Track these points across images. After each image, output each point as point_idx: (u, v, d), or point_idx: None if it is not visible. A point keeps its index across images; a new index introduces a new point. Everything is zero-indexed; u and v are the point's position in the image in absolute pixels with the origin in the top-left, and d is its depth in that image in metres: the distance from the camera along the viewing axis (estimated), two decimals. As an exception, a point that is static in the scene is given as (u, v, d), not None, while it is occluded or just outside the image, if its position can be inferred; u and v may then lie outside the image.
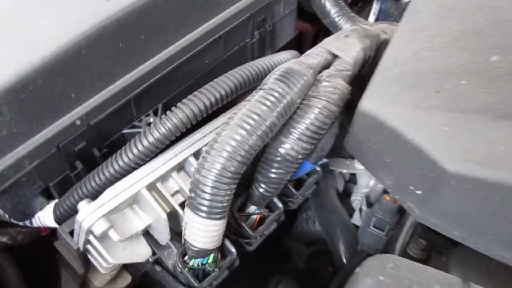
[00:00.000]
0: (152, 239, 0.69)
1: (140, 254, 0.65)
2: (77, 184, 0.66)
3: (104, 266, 0.65)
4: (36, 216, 0.69)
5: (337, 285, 0.87)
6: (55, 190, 0.68)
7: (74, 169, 0.68)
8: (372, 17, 1.32)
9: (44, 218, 0.68)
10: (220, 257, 0.68)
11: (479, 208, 0.51)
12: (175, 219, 0.67)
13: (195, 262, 0.64)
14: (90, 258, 0.68)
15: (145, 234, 0.68)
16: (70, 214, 0.67)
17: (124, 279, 0.81)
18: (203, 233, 0.61)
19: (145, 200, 0.63)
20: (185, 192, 0.67)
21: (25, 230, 0.73)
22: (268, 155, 0.68)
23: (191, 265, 0.64)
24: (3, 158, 0.58)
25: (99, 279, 0.77)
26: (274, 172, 0.68)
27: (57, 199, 0.68)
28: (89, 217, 0.57)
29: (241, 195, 0.73)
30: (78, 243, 0.64)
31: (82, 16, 0.63)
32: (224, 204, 0.61)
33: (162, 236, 0.66)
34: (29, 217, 0.69)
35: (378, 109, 0.59)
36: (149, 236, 0.69)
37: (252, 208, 0.74)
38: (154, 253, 0.68)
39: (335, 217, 1.14)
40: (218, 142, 0.59)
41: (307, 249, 1.44)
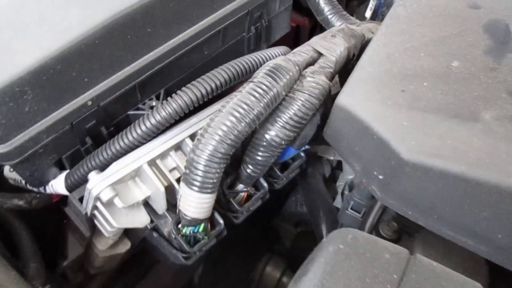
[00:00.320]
0: (150, 209, 0.78)
1: (140, 221, 0.74)
2: (87, 157, 0.75)
3: (108, 230, 0.75)
4: (50, 184, 0.78)
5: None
6: (67, 162, 0.77)
7: (84, 144, 0.77)
8: (368, 12, 1.37)
9: (57, 186, 0.77)
10: (210, 227, 0.77)
11: (428, 192, 0.60)
12: (171, 192, 0.76)
13: (188, 230, 0.73)
14: (96, 222, 0.77)
15: (145, 204, 0.77)
16: (79, 183, 0.76)
17: (125, 244, 0.91)
18: (195, 204, 0.70)
19: (146, 174, 0.72)
20: (181, 169, 0.76)
21: (39, 196, 0.82)
22: (255, 140, 0.76)
23: (184, 232, 0.74)
24: (25, 131, 0.67)
25: (102, 243, 0.86)
26: (261, 155, 0.77)
27: (68, 170, 0.77)
28: (98, 185, 0.67)
29: (231, 174, 0.82)
30: (86, 208, 0.73)
31: (97, 10, 0.71)
32: (215, 180, 0.69)
33: (159, 206, 0.76)
34: (43, 184, 0.78)
35: (351, 104, 0.67)
36: (148, 206, 0.77)
37: (240, 187, 0.83)
38: (152, 221, 0.78)
39: (319, 200, 1.22)
40: (211, 126, 0.68)
41: (295, 229, 1.53)
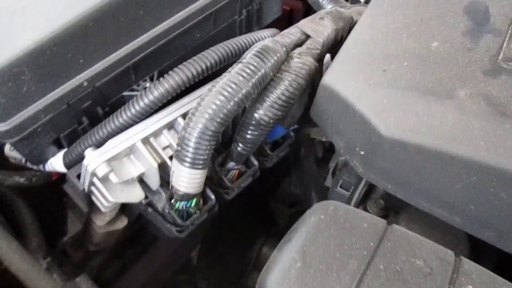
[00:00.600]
0: (145, 185, 0.81)
1: (135, 196, 0.78)
2: (83, 136, 0.78)
3: (105, 205, 0.78)
4: (49, 162, 0.81)
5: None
6: (64, 140, 0.80)
7: (81, 123, 0.80)
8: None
9: (55, 164, 0.81)
10: (202, 202, 0.81)
11: (405, 166, 0.64)
12: (164, 169, 0.79)
13: (180, 205, 0.77)
14: (93, 198, 0.81)
15: (140, 181, 0.81)
16: (77, 161, 0.79)
17: (122, 221, 0.95)
18: (186, 180, 0.73)
19: (139, 151, 0.75)
20: (174, 147, 0.78)
21: (38, 174, 0.86)
22: (245, 119, 0.79)
23: (177, 207, 0.77)
24: (24, 110, 0.70)
25: (100, 219, 0.90)
26: (250, 133, 0.80)
27: (66, 148, 0.81)
28: (93, 161, 0.70)
29: (222, 153, 0.86)
30: (84, 185, 0.77)
31: (91, -7, 0.74)
32: (205, 157, 0.73)
33: (153, 183, 0.79)
34: (42, 162, 0.81)
35: (335, 83, 0.70)
36: (143, 183, 0.81)
37: (231, 164, 0.86)
38: (146, 197, 0.81)
39: (311, 181, 1.27)
40: (202, 105, 0.71)
41: (289, 210, 1.58)
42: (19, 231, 0.91)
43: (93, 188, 0.77)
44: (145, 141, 0.76)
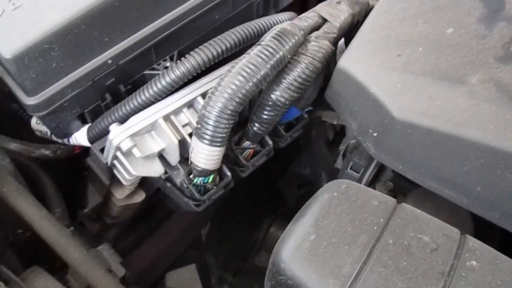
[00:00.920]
0: (164, 161, 0.85)
1: (155, 170, 0.82)
2: (107, 112, 0.82)
3: (126, 178, 0.82)
4: (73, 136, 0.85)
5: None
6: (88, 116, 0.84)
7: (104, 100, 0.83)
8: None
9: (79, 137, 0.84)
10: (218, 179, 0.84)
11: (416, 148, 0.66)
12: (183, 146, 0.83)
13: (198, 180, 0.81)
14: (115, 172, 0.84)
15: (160, 157, 0.85)
16: (100, 136, 0.83)
17: (140, 195, 0.99)
18: (205, 156, 0.77)
19: (161, 128, 0.78)
20: (193, 125, 0.82)
21: (63, 147, 0.90)
22: (262, 100, 0.82)
23: (195, 182, 0.81)
24: (52, 86, 0.74)
25: (120, 192, 0.94)
26: (266, 114, 0.83)
27: (90, 123, 0.85)
28: (118, 136, 0.74)
29: (239, 132, 0.89)
30: (107, 158, 0.81)
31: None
32: (223, 135, 0.76)
33: (173, 158, 0.83)
34: (67, 136, 0.85)
35: (350, 67, 0.73)
36: (163, 159, 0.85)
37: (247, 143, 0.89)
38: (165, 172, 0.85)
39: (322, 162, 1.29)
40: (221, 85, 0.74)
41: (298, 191, 1.61)
42: (42, 202, 0.95)
43: (116, 161, 0.81)
44: (166, 118, 0.79)
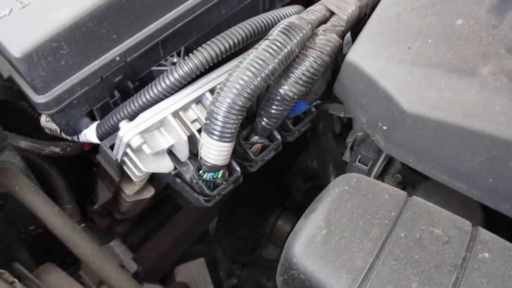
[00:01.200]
0: (174, 157, 0.85)
1: (165, 166, 0.82)
2: (116, 109, 0.82)
3: (136, 175, 0.83)
4: (82, 133, 0.85)
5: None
6: (97, 113, 0.84)
7: (112, 97, 0.84)
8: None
9: (89, 135, 0.85)
10: (227, 174, 0.85)
11: (427, 141, 0.66)
12: (192, 142, 0.83)
13: (208, 176, 0.81)
14: (125, 168, 0.85)
15: (169, 153, 0.85)
16: (109, 133, 0.83)
17: (149, 191, 0.99)
18: (214, 152, 0.77)
19: (170, 124, 0.79)
20: (202, 121, 0.82)
21: (72, 144, 0.90)
22: (270, 94, 0.82)
23: (204, 177, 0.81)
24: (61, 84, 0.74)
25: (129, 188, 0.95)
26: (275, 108, 0.83)
27: (99, 120, 0.85)
28: (128, 133, 0.74)
29: (247, 127, 0.89)
30: (117, 155, 0.81)
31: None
32: (233, 130, 0.76)
33: (182, 154, 0.83)
34: (76, 133, 0.85)
35: (360, 60, 0.72)
36: (172, 155, 0.85)
37: (255, 138, 0.89)
38: (175, 168, 0.85)
39: (329, 155, 1.29)
40: (230, 81, 0.73)
41: (305, 184, 1.61)
42: (53, 199, 0.96)
43: (126, 158, 0.81)
44: (175, 114, 0.79)
